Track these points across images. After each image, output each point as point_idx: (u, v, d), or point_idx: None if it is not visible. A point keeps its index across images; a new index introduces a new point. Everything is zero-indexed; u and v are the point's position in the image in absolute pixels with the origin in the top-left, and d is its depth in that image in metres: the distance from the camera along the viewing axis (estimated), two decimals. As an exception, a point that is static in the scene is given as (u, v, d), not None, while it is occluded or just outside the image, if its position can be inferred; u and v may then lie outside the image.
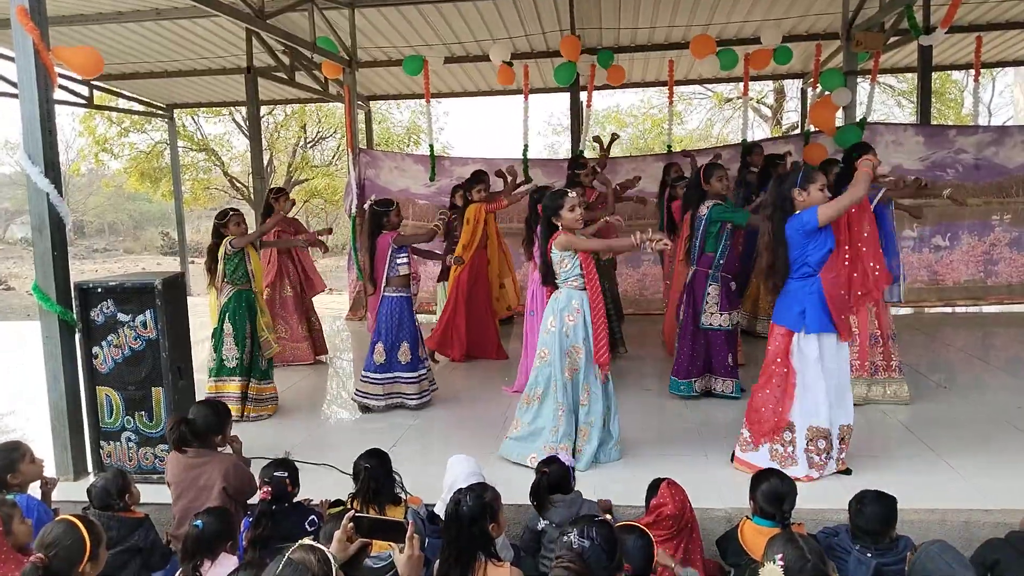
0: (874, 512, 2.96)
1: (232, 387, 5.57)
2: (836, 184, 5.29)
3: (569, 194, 4.41)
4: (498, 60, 8.92)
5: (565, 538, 2.40)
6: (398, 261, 5.60)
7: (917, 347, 7.24)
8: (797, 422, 4.13)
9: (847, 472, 4.19)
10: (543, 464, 3.42)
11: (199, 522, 2.92)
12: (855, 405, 5.11)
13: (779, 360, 4.16)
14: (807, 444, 4.13)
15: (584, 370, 4.40)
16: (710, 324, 5.59)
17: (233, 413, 5.45)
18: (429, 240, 5.94)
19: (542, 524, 3.26)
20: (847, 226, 4.37)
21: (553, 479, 3.33)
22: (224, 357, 5.58)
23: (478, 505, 2.70)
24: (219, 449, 3.79)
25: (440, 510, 3.42)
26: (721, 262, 5.56)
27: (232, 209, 5.81)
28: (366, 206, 5.85)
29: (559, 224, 4.38)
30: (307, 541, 2.11)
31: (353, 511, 2.41)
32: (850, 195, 3.96)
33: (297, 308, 7.19)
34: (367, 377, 5.64)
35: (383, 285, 5.61)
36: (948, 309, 9.28)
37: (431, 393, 5.81)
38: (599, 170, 7.30)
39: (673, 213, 6.95)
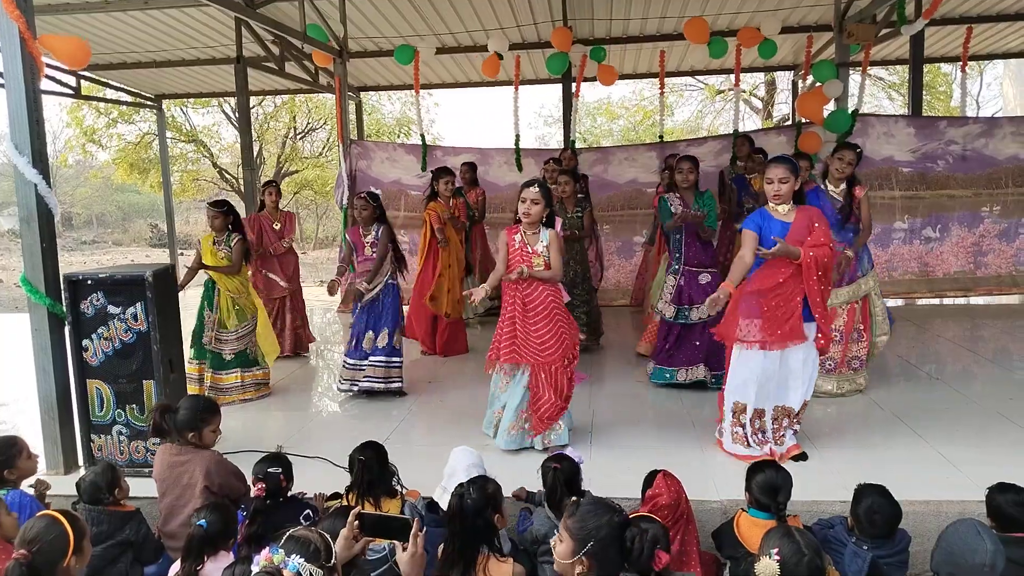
0: (884, 518, 2.96)
1: (191, 369, 5.67)
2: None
3: (531, 187, 4.41)
4: (497, 49, 8.87)
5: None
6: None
7: (908, 338, 7.27)
8: (729, 398, 4.33)
9: (801, 457, 4.24)
10: (553, 460, 3.29)
11: (203, 521, 2.85)
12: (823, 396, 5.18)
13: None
14: (732, 418, 4.31)
15: None
16: (661, 311, 5.72)
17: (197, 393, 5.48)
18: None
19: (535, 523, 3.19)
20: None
21: (566, 475, 3.21)
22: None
23: (482, 497, 2.71)
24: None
25: (439, 497, 3.40)
26: (678, 255, 5.58)
27: (211, 203, 5.93)
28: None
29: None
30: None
31: (358, 509, 2.37)
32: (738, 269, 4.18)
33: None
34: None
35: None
36: (937, 300, 9.33)
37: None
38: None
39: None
